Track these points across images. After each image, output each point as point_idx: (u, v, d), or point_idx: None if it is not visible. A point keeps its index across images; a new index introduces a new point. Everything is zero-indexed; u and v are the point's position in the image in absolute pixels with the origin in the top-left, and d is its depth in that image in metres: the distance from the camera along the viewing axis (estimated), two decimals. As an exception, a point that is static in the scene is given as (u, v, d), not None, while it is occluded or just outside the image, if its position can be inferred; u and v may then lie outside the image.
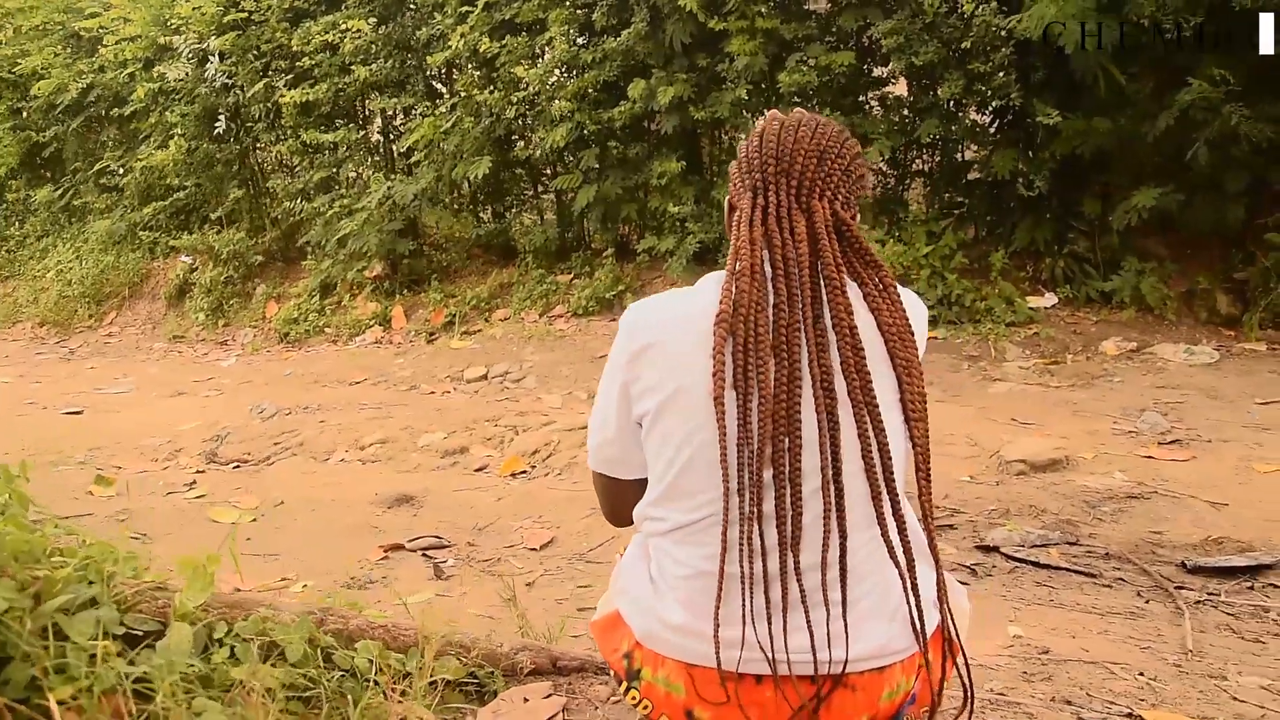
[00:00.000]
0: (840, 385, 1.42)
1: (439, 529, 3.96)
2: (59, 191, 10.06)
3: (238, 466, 5.24)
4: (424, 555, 3.71)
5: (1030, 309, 5.92)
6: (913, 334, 1.51)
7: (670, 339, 1.51)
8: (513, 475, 4.63)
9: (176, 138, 8.55)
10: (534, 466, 4.64)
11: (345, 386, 6.60)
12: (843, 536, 1.40)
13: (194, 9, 8.06)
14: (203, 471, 5.13)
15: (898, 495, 1.43)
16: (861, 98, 6.43)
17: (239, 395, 6.63)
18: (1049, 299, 6.05)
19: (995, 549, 3.26)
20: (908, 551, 1.43)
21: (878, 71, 6.39)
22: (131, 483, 4.98)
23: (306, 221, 8.33)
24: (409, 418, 5.59)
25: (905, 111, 6.26)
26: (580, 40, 6.90)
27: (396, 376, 6.63)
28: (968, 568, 3.13)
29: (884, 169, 6.66)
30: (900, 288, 1.56)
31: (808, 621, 1.40)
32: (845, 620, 1.41)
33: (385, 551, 3.71)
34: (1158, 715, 2.01)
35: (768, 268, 1.48)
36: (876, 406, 1.42)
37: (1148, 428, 4.39)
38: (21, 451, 5.54)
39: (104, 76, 8.99)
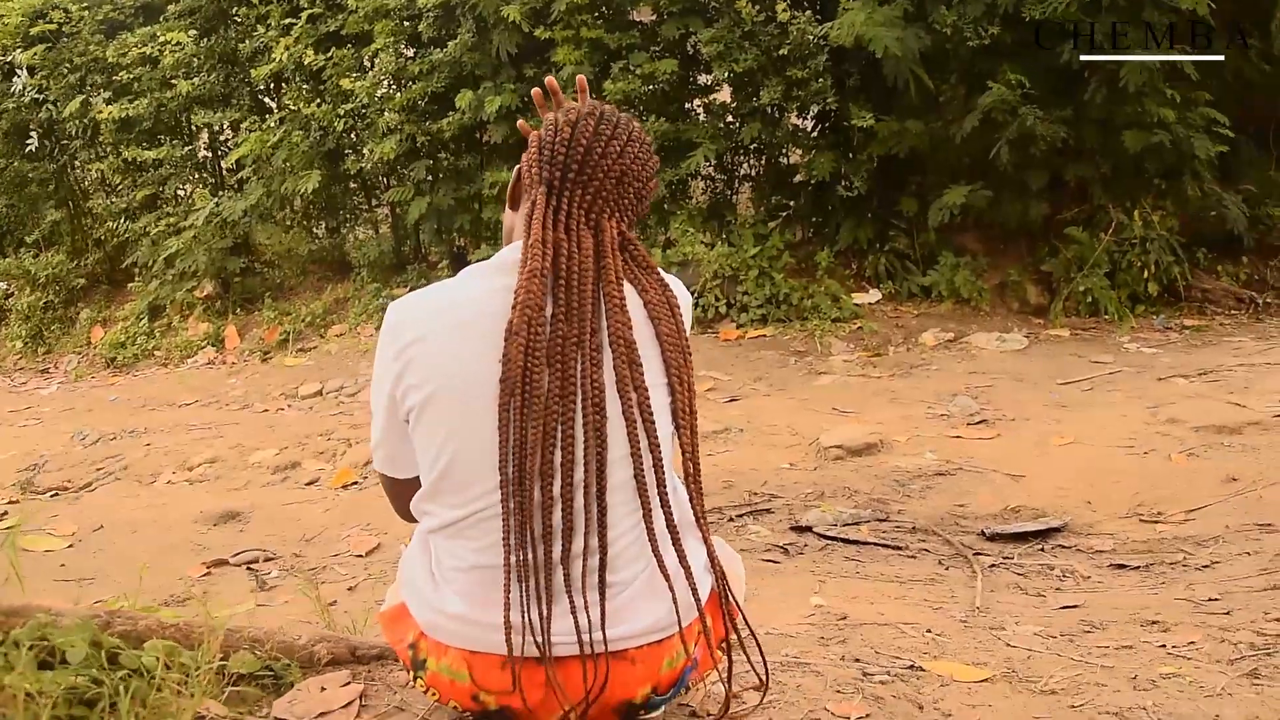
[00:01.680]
0: (612, 400, 1.50)
1: (266, 543, 3.88)
2: None
3: (56, 495, 5.01)
4: (248, 569, 3.63)
5: (855, 305, 6.17)
6: (687, 342, 1.63)
7: (431, 334, 1.55)
8: (344, 487, 4.56)
9: (-13, 156, 8.15)
10: (365, 478, 4.59)
11: (175, 409, 6.39)
12: (602, 528, 1.50)
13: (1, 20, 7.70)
14: (15, 501, 4.89)
15: (664, 485, 1.54)
16: (687, 104, 6.59)
17: (60, 423, 6.34)
18: (873, 295, 6.31)
19: (809, 529, 3.39)
20: (673, 531, 1.53)
21: (702, 79, 6.57)
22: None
23: (132, 242, 8.02)
24: (240, 436, 5.45)
25: (729, 117, 6.44)
26: (408, 52, 6.87)
27: (229, 397, 6.46)
28: (781, 548, 3.25)
29: (712, 174, 6.83)
30: (665, 276, 1.64)
31: (571, 606, 1.49)
32: (603, 603, 1.51)
33: (208, 568, 3.62)
34: (937, 665, 2.13)
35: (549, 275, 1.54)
36: (652, 421, 1.52)
37: (958, 410, 4.63)
38: None
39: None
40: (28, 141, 7.98)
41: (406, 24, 6.66)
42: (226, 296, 7.84)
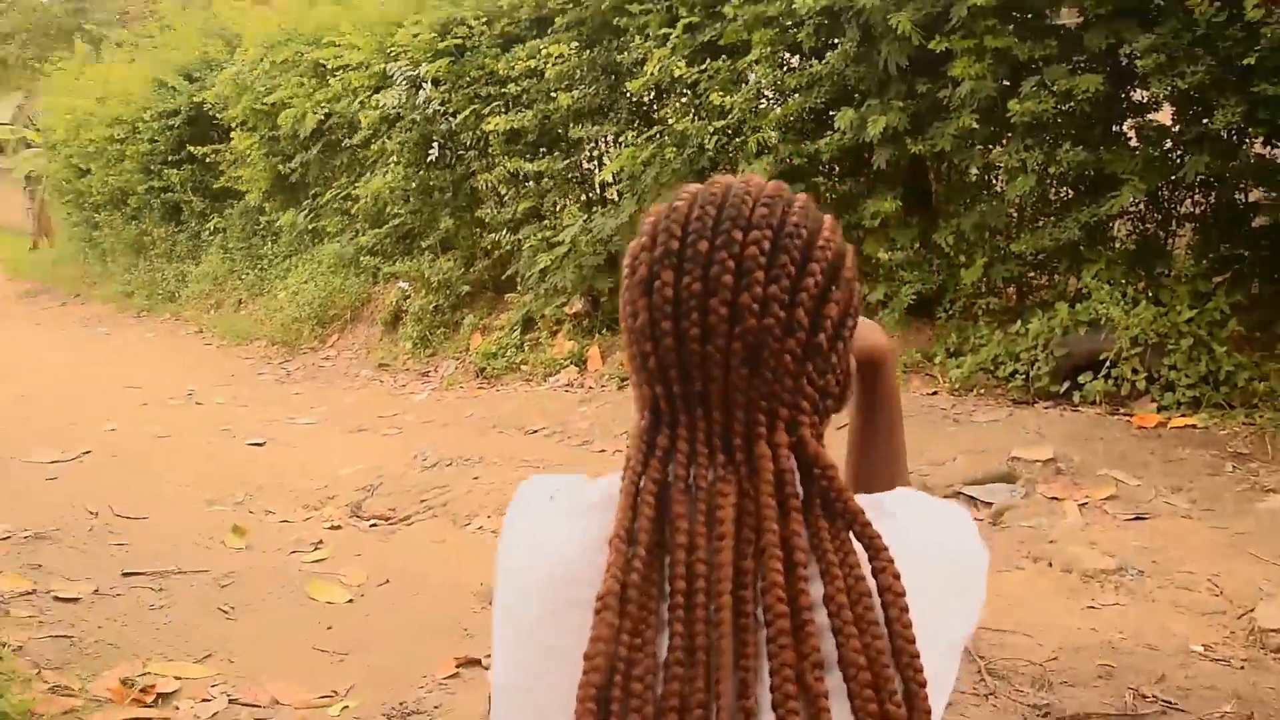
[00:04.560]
0: None
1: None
2: (302, 215, 10.38)
3: (375, 524, 4.92)
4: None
5: (1329, 396, 4.69)
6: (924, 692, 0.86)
7: (518, 603, 1.01)
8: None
9: (394, 164, 8.55)
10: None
11: (520, 435, 6.21)
12: None
13: (412, 36, 7.99)
14: (338, 527, 4.84)
15: None
16: (1114, 128, 5.37)
17: (415, 436, 6.38)
18: (1356, 383, 4.78)
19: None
20: None
21: (1135, 96, 5.32)
22: (268, 534, 4.78)
23: (514, 253, 8.08)
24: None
25: (1168, 144, 5.15)
26: (789, 63, 6.22)
27: (574, 428, 6.16)
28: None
29: (1142, 211, 5.55)
30: (907, 524, 0.90)
31: None
32: None
33: (456, 666, 3.20)
34: None
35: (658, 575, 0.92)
36: None
37: None
38: (185, 487, 5.50)
39: (338, 105, 9.14)
40: (430, 151, 8.25)
41: (789, 32, 5.98)
42: (595, 315, 7.65)
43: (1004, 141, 5.61)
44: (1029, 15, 5.34)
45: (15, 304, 15.32)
